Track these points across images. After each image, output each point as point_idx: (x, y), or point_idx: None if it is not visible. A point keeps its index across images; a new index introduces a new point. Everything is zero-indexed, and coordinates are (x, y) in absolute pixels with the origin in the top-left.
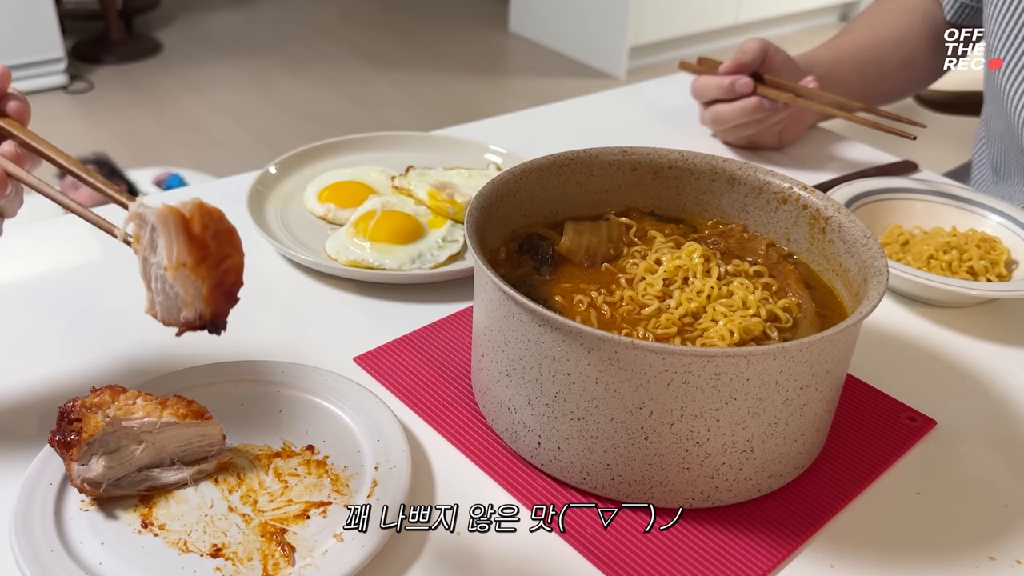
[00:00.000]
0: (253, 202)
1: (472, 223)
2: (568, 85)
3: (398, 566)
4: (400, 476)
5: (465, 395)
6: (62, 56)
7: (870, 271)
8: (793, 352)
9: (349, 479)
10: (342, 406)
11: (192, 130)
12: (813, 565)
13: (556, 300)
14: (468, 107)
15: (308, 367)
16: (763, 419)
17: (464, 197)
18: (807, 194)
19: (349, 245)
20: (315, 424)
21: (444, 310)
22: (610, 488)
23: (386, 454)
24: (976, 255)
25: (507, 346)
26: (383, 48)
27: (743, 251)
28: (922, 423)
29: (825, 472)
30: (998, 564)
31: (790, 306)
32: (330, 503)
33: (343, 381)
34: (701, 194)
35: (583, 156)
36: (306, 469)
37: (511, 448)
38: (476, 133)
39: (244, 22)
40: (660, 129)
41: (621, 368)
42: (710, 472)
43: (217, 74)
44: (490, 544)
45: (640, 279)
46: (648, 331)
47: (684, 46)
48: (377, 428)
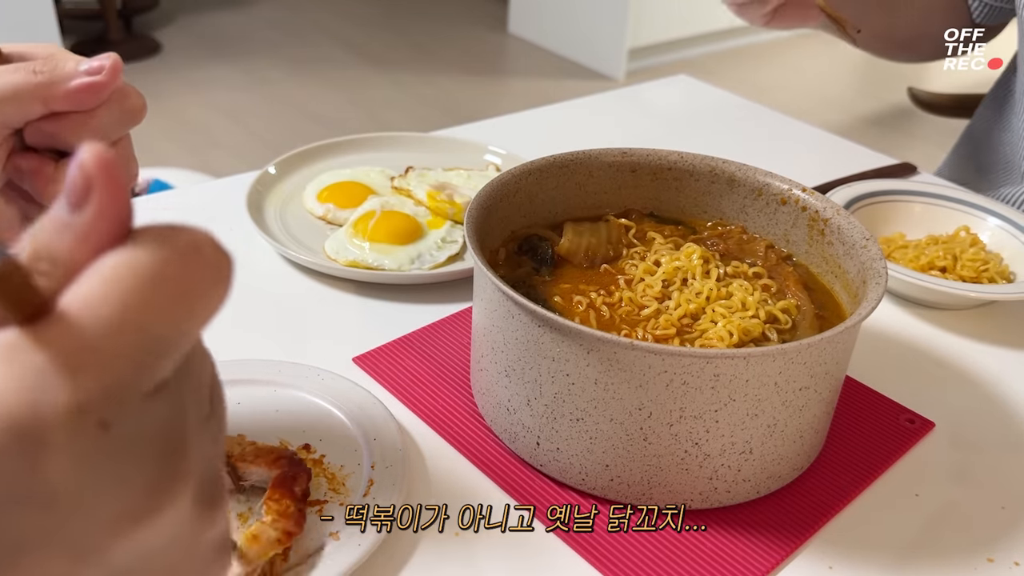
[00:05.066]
0: (252, 202)
1: (471, 224)
2: (567, 86)
3: (395, 565)
4: (396, 476)
5: (464, 396)
6: None
7: (869, 273)
8: (792, 354)
9: (345, 478)
10: (339, 405)
11: (191, 130)
12: (812, 566)
13: (555, 301)
14: (467, 108)
15: (305, 366)
16: (762, 420)
17: (463, 198)
18: (806, 196)
19: (348, 245)
20: (312, 423)
21: (443, 311)
22: (609, 489)
23: (383, 454)
24: (972, 258)
25: (506, 347)
26: (383, 49)
27: (742, 252)
28: (920, 425)
29: (824, 473)
30: (996, 566)
31: (789, 308)
32: (326, 502)
33: (340, 380)
34: (700, 195)
35: (582, 157)
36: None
37: (510, 449)
38: (475, 134)
39: (244, 22)
40: (659, 130)
41: (620, 369)
42: (709, 473)
43: (216, 74)
44: (488, 544)
45: (639, 280)
46: (647, 332)
47: (683, 48)
48: (374, 427)
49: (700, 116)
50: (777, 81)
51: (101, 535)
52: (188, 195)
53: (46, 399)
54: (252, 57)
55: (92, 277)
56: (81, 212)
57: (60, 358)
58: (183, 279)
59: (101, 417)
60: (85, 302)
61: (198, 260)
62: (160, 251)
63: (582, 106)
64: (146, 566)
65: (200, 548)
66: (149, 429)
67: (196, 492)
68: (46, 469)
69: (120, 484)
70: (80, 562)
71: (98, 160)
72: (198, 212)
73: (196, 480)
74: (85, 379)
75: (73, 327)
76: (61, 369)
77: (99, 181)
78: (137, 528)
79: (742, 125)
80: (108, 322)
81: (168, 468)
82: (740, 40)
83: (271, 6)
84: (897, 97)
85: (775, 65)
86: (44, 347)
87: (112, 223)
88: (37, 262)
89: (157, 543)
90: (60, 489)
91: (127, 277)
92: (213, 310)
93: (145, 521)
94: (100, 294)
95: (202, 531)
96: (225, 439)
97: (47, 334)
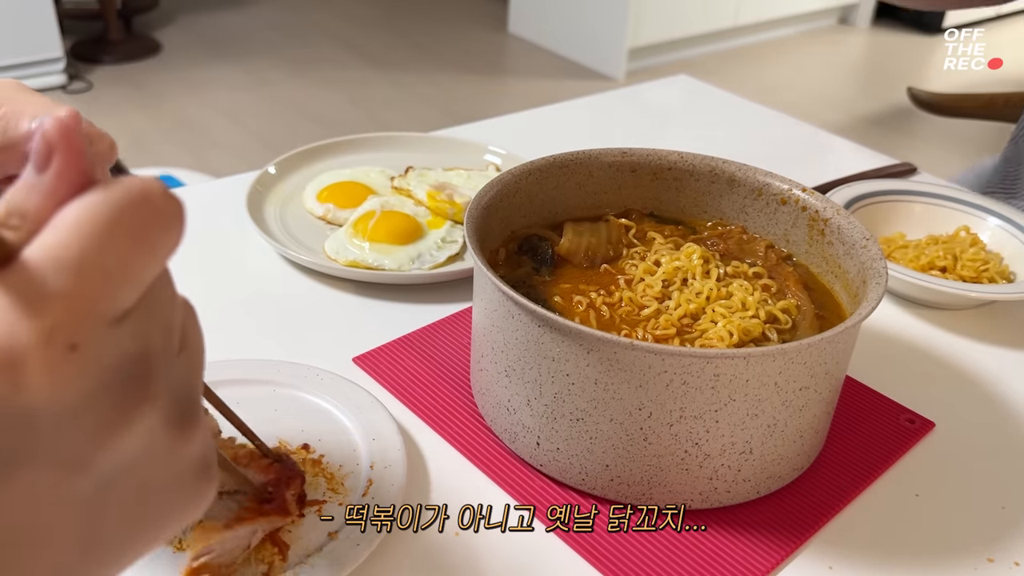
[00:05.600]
0: (252, 202)
1: (471, 224)
2: (567, 86)
3: (395, 565)
4: (396, 476)
5: (464, 396)
6: (61, 56)
7: (869, 273)
8: (792, 354)
9: (344, 478)
10: (338, 405)
11: (191, 130)
12: (812, 566)
13: (555, 301)
14: (467, 108)
15: (304, 366)
16: (762, 420)
17: (463, 198)
18: (806, 196)
19: (348, 245)
20: (311, 423)
21: (443, 311)
22: (609, 489)
23: (382, 453)
24: (972, 258)
25: (506, 347)
26: (382, 49)
27: (742, 252)
28: (920, 425)
29: (824, 474)
30: (996, 566)
31: (789, 308)
32: (325, 502)
33: (339, 380)
34: (700, 195)
35: (582, 157)
36: (302, 467)
37: (510, 449)
38: (475, 134)
39: (243, 22)
40: (659, 130)
41: (620, 369)
42: (709, 473)
43: (216, 74)
44: (487, 544)
45: (639, 280)
46: (647, 332)
47: (683, 48)
48: (373, 427)
49: (700, 116)
50: (777, 81)
51: (81, 446)
52: (188, 195)
53: (18, 329)
54: (252, 57)
55: (54, 226)
56: (45, 173)
57: (26, 295)
58: (135, 222)
59: (69, 341)
60: (47, 248)
61: (149, 205)
62: (114, 198)
63: (582, 106)
64: (126, 477)
65: (177, 463)
66: (115, 351)
67: (168, 412)
68: (27, 388)
69: (92, 399)
70: (67, 471)
71: (58, 127)
72: (198, 212)
73: (166, 401)
74: (51, 310)
75: (37, 269)
76: (29, 303)
77: (59, 145)
78: (111, 440)
79: (742, 125)
80: (67, 263)
81: (133, 388)
82: (740, 40)
83: (271, 6)
84: (897, 97)
85: (775, 65)
86: (10, 288)
87: (73, 180)
88: (9, 218)
89: (133, 456)
90: (40, 406)
91: (85, 223)
92: (167, 250)
93: (117, 434)
94: (60, 240)
95: (176, 448)
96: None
97: (12, 277)
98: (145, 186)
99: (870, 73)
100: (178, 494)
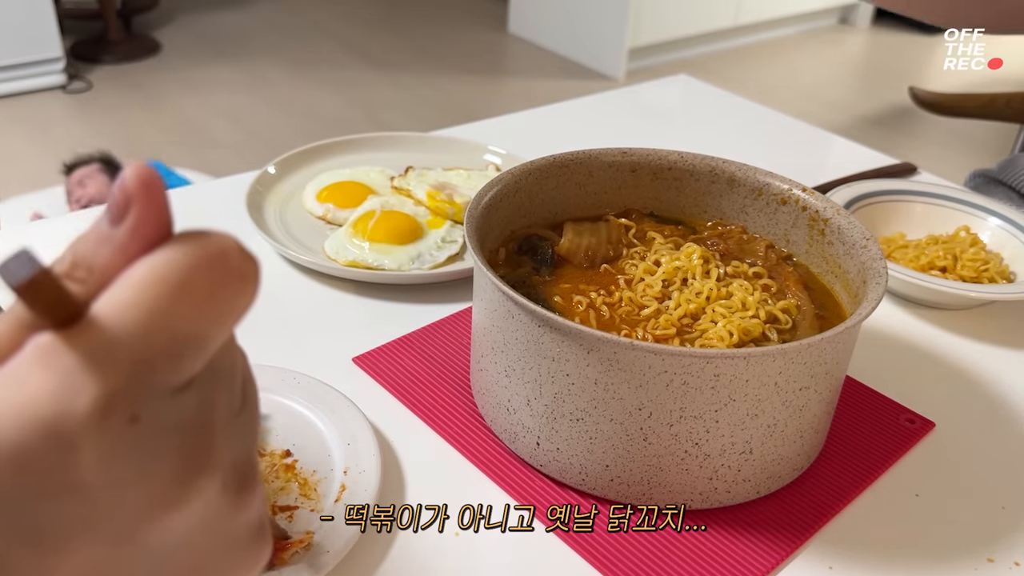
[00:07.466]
0: (252, 202)
1: (471, 224)
2: (567, 86)
3: (395, 565)
4: (370, 481)
5: (464, 396)
6: (60, 56)
7: (869, 273)
8: (792, 354)
9: (317, 483)
10: (314, 409)
11: (191, 130)
12: (812, 566)
13: (555, 301)
14: (467, 108)
15: (279, 369)
16: (762, 420)
17: (463, 198)
18: (806, 196)
19: (348, 245)
20: (286, 428)
21: (443, 310)
22: (609, 489)
23: (356, 458)
24: (972, 258)
25: (506, 347)
26: (382, 49)
27: (742, 252)
28: (921, 425)
29: (824, 473)
30: (996, 566)
31: (789, 307)
32: (297, 507)
33: (316, 384)
34: (700, 195)
35: (582, 157)
36: (274, 473)
37: (510, 449)
38: (475, 134)
39: (243, 22)
40: (659, 130)
41: (620, 369)
42: (709, 473)
43: (216, 74)
44: (487, 545)
45: (639, 280)
46: (647, 332)
47: (683, 48)
48: (348, 432)
49: (700, 116)
50: (777, 81)
51: (135, 520)
52: (188, 195)
53: (75, 400)
54: (252, 57)
55: (123, 284)
56: (120, 226)
57: (89, 359)
58: (209, 285)
59: (130, 412)
60: (115, 307)
61: (225, 266)
62: (188, 257)
63: (582, 106)
64: (181, 548)
65: (234, 530)
66: (177, 422)
67: (226, 478)
68: (78, 464)
69: (149, 474)
70: (118, 545)
71: (138, 179)
72: (198, 212)
73: (225, 468)
74: (113, 377)
75: (103, 330)
76: (90, 369)
77: (138, 197)
78: (167, 514)
79: (742, 125)
80: (135, 325)
81: (194, 459)
82: (740, 40)
83: (271, 6)
84: (897, 97)
85: (775, 65)
86: (74, 350)
87: (148, 236)
88: (75, 270)
89: (188, 527)
90: (92, 481)
91: (156, 283)
92: (240, 313)
93: (174, 507)
94: (129, 300)
95: (234, 514)
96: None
97: (78, 338)
98: (222, 245)
99: (870, 73)
100: (233, 559)
